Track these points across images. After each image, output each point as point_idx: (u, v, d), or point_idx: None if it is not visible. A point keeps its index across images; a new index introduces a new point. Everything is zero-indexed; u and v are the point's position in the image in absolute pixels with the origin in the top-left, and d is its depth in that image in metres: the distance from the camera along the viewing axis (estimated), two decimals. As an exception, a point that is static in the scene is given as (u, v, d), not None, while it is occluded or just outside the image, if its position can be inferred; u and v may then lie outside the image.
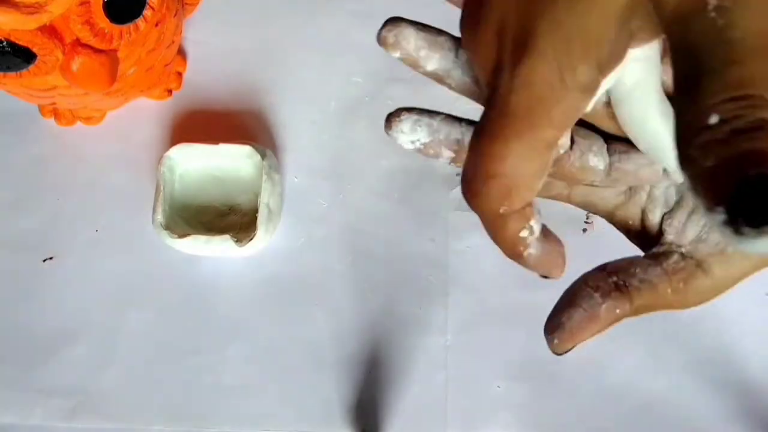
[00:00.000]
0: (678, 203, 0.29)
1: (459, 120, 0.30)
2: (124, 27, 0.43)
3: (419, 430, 0.49)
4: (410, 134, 0.31)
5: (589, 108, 0.22)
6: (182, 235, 0.48)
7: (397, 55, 0.31)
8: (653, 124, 0.24)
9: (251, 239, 0.48)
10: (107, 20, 0.42)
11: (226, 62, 0.55)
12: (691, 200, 0.28)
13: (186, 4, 0.53)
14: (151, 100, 0.54)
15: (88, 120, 0.54)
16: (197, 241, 0.48)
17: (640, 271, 0.27)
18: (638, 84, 0.23)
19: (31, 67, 0.41)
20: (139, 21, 0.44)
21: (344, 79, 0.55)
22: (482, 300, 0.50)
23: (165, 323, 0.51)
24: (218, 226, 0.51)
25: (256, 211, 0.48)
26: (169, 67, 0.52)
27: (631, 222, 0.30)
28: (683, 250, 0.28)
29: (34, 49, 0.40)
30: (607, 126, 0.27)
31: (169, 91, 0.54)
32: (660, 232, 0.29)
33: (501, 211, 0.25)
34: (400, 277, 0.51)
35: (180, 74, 0.54)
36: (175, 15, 0.48)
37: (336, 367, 0.50)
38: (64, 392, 0.50)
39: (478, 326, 0.50)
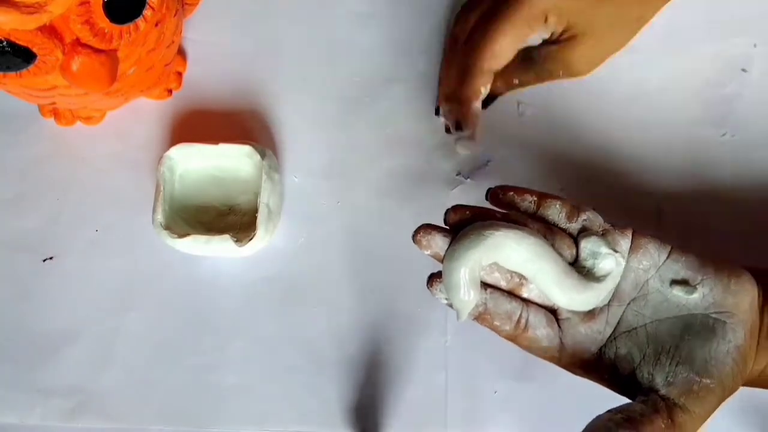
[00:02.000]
0: (642, 359, 0.37)
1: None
2: (124, 27, 0.43)
3: (419, 431, 0.49)
4: (444, 294, 0.40)
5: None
6: (182, 235, 0.48)
7: (428, 253, 0.40)
8: (551, 290, 0.39)
9: (251, 239, 0.48)
10: (107, 20, 0.42)
11: (226, 62, 0.55)
12: (652, 353, 0.37)
13: (186, 3, 0.53)
14: (151, 100, 0.54)
15: (88, 120, 0.54)
16: (197, 241, 0.48)
17: (639, 410, 0.35)
18: (540, 270, 0.38)
19: (31, 66, 0.41)
20: (139, 21, 0.44)
21: (344, 79, 0.55)
22: (482, 300, 0.50)
23: (165, 323, 0.51)
24: (218, 226, 0.51)
25: (255, 211, 0.48)
26: (169, 66, 0.52)
27: (606, 376, 0.39)
28: (661, 392, 0.36)
29: (34, 49, 0.40)
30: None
31: (169, 91, 0.54)
32: (637, 382, 0.37)
33: (485, 65, 0.45)
34: (400, 277, 0.51)
35: (180, 74, 0.54)
36: (175, 15, 0.48)
37: (336, 367, 0.50)
38: (64, 392, 0.50)
39: (478, 326, 0.50)
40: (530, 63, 0.47)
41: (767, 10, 0.53)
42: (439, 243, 0.39)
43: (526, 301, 0.40)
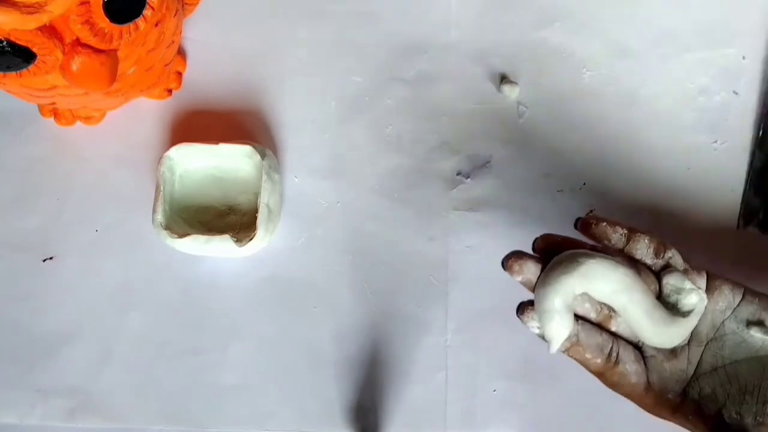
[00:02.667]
0: (728, 398, 0.38)
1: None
2: (124, 27, 0.43)
3: (419, 430, 0.49)
4: (536, 322, 0.39)
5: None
6: (182, 235, 0.48)
7: (519, 279, 0.39)
8: (640, 323, 0.39)
9: (251, 239, 0.48)
10: (107, 20, 0.42)
11: (226, 62, 0.55)
12: (736, 393, 0.38)
13: (186, 3, 0.53)
14: (151, 99, 0.54)
15: (88, 120, 0.54)
16: (197, 241, 0.48)
17: None
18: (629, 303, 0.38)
19: (31, 66, 0.41)
20: (139, 21, 0.44)
21: (344, 79, 0.55)
22: (482, 300, 0.50)
23: (165, 323, 0.51)
24: (218, 226, 0.51)
25: (256, 211, 0.48)
26: (169, 66, 0.52)
27: (691, 417, 0.39)
28: None
29: (34, 49, 0.40)
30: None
31: (169, 91, 0.54)
32: (725, 423, 0.37)
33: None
34: (400, 277, 0.51)
35: (180, 74, 0.54)
36: (175, 15, 0.48)
37: (336, 367, 0.50)
38: (64, 392, 0.50)
39: (478, 326, 0.50)
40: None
41: (756, 24, 0.54)
42: (531, 269, 0.39)
43: (615, 336, 0.39)
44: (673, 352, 0.39)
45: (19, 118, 0.54)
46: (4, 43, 0.39)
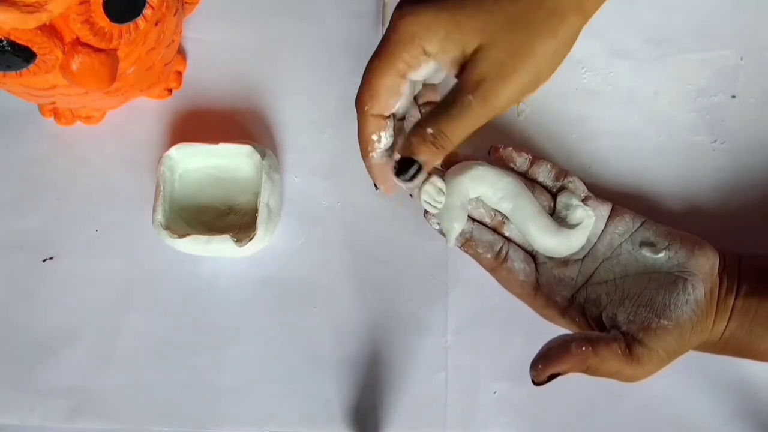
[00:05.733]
0: (609, 302, 0.43)
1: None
2: (124, 26, 0.43)
3: (419, 430, 0.49)
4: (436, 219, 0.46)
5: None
6: (182, 235, 0.48)
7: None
8: (526, 227, 0.45)
9: (251, 239, 0.48)
10: (107, 19, 0.42)
11: (226, 61, 0.55)
12: (618, 298, 0.43)
13: (186, 3, 0.53)
14: (151, 99, 0.54)
15: (87, 119, 0.54)
16: (197, 241, 0.48)
17: (597, 334, 0.40)
18: (517, 208, 0.44)
19: (31, 66, 0.41)
20: (139, 20, 0.44)
21: (344, 79, 0.54)
22: (482, 300, 0.50)
23: (165, 323, 0.51)
24: (218, 226, 0.51)
25: (256, 211, 0.48)
26: (169, 66, 0.52)
27: (577, 319, 0.44)
28: (623, 329, 0.41)
29: (34, 48, 0.40)
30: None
31: (169, 91, 0.54)
32: (602, 323, 0.42)
33: (365, 109, 0.40)
34: (400, 277, 0.51)
35: (180, 73, 0.54)
36: (175, 14, 0.48)
37: (336, 368, 0.50)
38: (64, 392, 0.50)
39: (478, 326, 0.50)
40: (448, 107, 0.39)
41: (753, 25, 0.53)
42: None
43: (508, 239, 0.46)
44: (565, 262, 0.45)
45: (19, 118, 0.54)
46: (4, 42, 0.39)
